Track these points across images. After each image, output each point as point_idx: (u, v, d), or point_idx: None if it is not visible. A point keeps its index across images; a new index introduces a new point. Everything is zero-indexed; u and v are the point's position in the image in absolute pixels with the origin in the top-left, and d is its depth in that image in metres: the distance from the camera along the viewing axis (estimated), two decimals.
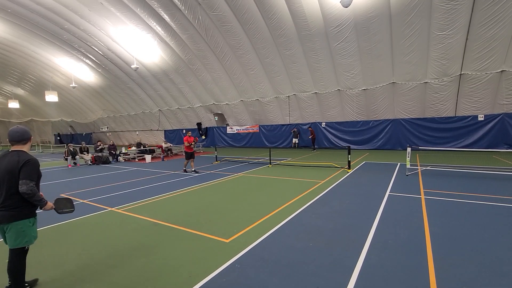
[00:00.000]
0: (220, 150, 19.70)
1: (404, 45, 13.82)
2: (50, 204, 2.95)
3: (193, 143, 10.83)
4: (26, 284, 2.93)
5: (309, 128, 19.00)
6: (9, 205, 2.64)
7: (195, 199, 6.71)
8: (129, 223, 5.02)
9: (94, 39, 21.23)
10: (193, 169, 10.80)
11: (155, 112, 29.23)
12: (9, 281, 2.76)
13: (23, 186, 2.60)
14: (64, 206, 3.11)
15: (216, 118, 25.48)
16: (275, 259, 3.44)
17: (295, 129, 19.82)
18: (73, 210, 3.18)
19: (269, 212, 5.32)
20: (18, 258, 2.76)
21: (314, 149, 18.41)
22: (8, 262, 2.75)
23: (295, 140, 19.40)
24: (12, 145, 2.76)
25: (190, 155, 10.76)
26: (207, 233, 4.37)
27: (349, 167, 10.01)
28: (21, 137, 2.76)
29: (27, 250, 2.85)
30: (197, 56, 19.68)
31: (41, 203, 2.80)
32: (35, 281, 3.08)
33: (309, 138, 19.14)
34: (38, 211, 2.95)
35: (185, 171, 10.88)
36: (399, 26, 13.29)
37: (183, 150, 10.95)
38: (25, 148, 2.80)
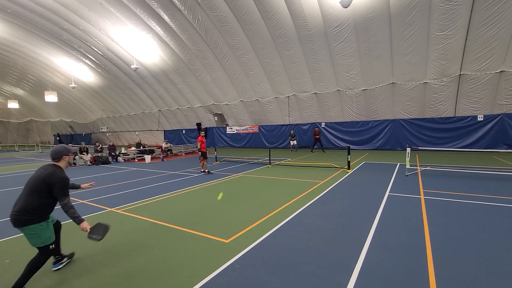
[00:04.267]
0: (220, 151, 19.70)
1: (404, 45, 13.84)
2: (84, 224, 3.11)
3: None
4: (62, 255, 3.33)
5: (316, 129, 18.08)
6: (24, 210, 2.85)
7: (194, 199, 6.71)
8: (129, 224, 5.01)
9: (94, 39, 21.22)
10: (206, 170, 10.66)
11: (154, 113, 29.23)
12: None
13: (62, 202, 2.97)
14: (96, 233, 3.14)
15: (216, 118, 25.48)
16: (275, 259, 3.44)
17: (292, 131, 19.42)
18: (101, 239, 3.15)
19: (268, 213, 5.32)
20: (38, 258, 2.96)
21: (312, 150, 17.99)
22: (33, 257, 2.98)
23: (293, 143, 18.63)
24: (53, 160, 3.14)
25: (206, 155, 10.60)
26: (207, 233, 4.37)
27: (348, 168, 10.01)
28: (53, 156, 3.12)
29: (53, 249, 3.06)
30: (196, 56, 19.68)
31: (76, 220, 3.06)
32: (71, 254, 3.51)
33: (313, 137, 18.20)
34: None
35: (209, 172, 10.57)
36: (398, 27, 13.31)
37: (199, 149, 10.65)
38: (60, 164, 3.13)
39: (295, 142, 18.70)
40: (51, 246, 2.98)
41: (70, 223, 5.14)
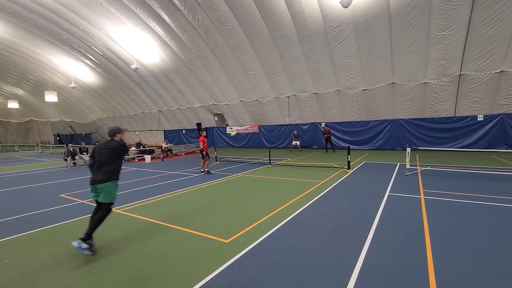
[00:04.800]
0: (220, 150, 19.70)
1: (404, 45, 13.84)
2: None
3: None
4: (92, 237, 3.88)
5: (326, 128, 17.41)
6: (106, 171, 3.95)
7: (194, 199, 6.71)
8: (129, 224, 5.02)
9: (94, 39, 21.22)
10: (206, 169, 10.61)
11: (154, 112, 29.23)
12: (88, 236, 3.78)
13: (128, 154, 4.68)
14: None
15: (216, 118, 25.49)
16: (275, 259, 3.44)
17: (295, 132, 19.22)
18: None
19: (268, 213, 5.32)
20: (103, 213, 3.91)
21: (331, 150, 17.33)
22: (98, 212, 3.94)
23: (296, 143, 18.29)
24: (110, 137, 4.22)
25: (208, 154, 10.52)
26: (207, 233, 4.37)
27: (348, 167, 10.01)
28: (110, 133, 4.23)
29: (111, 210, 4.02)
30: (196, 56, 19.68)
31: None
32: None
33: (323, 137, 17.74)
34: None
35: (208, 172, 10.56)
36: (398, 27, 13.31)
37: (201, 149, 10.51)
38: (115, 138, 4.21)
39: (297, 142, 18.42)
40: (111, 205, 4.00)
41: (72, 225, 5.17)
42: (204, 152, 10.41)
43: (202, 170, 10.56)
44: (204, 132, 11.29)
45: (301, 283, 2.90)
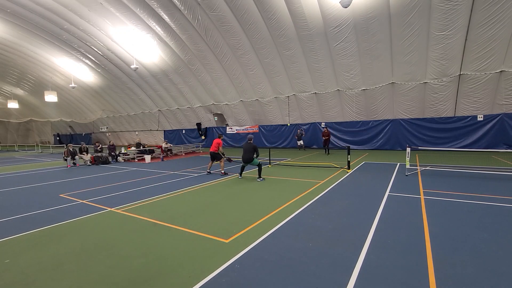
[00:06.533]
0: None
1: (404, 45, 13.85)
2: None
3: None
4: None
5: (325, 129, 17.27)
6: (248, 156, 8.78)
7: (194, 199, 6.71)
8: (129, 224, 5.01)
9: (94, 39, 21.23)
10: (223, 171, 10.48)
11: (154, 112, 29.24)
12: (259, 175, 8.79)
13: (257, 153, 8.95)
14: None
15: (216, 118, 25.49)
16: (275, 259, 3.44)
17: (303, 132, 19.26)
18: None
19: (268, 212, 5.32)
20: (260, 167, 8.83)
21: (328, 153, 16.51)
22: (258, 168, 8.87)
23: (300, 142, 18.47)
24: (249, 141, 9.04)
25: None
26: (207, 233, 4.37)
27: (348, 167, 10.01)
28: (249, 140, 9.08)
29: (261, 165, 8.96)
30: (196, 56, 19.69)
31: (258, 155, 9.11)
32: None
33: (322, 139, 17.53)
34: None
35: (209, 172, 10.52)
36: (398, 27, 13.32)
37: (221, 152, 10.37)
38: (250, 142, 8.99)
39: (301, 141, 18.46)
40: (261, 164, 8.89)
41: (72, 225, 5.15)
42: (219, 155, 10.27)
43: (209, 171, 10.54)
44: (221, 135, 11.28)
45: (301, 283, 2.90)
